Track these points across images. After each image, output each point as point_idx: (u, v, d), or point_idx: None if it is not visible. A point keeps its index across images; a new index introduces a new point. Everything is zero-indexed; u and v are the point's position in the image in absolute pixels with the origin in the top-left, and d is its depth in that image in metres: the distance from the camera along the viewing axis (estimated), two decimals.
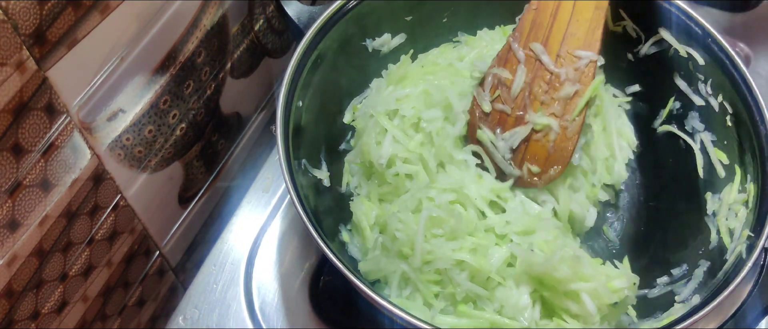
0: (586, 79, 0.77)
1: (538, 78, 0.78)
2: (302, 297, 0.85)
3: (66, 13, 0.64)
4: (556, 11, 0.77)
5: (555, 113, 0.78)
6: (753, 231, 0.72)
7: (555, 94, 0.77)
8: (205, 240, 1.03)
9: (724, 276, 0.71)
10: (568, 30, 0.77)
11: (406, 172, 0.79)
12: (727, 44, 0.80)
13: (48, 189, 0.69)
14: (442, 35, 0.92)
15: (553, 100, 0.78)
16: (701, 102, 0.84)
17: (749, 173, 0.77)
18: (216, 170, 1.01)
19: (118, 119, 0.77)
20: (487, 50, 0.87)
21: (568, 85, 0.77)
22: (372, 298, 0.66)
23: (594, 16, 0.76)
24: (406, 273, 0.73)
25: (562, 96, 0.77)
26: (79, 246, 0.76)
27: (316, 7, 0.87)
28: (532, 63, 0.78)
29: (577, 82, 0.77)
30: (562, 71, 0.77)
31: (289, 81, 0.77)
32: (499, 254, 0.73)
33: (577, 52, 0.77)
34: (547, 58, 0.77)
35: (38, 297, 0.73)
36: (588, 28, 0.76)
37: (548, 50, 0.78)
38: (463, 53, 0.88)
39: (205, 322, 0.83)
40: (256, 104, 1.06)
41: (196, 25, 0.84)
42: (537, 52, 0.78)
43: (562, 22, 0.77)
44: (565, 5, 0.77)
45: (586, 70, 0.77)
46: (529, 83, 0.78)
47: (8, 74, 0.60)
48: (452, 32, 0.93)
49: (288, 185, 0.71)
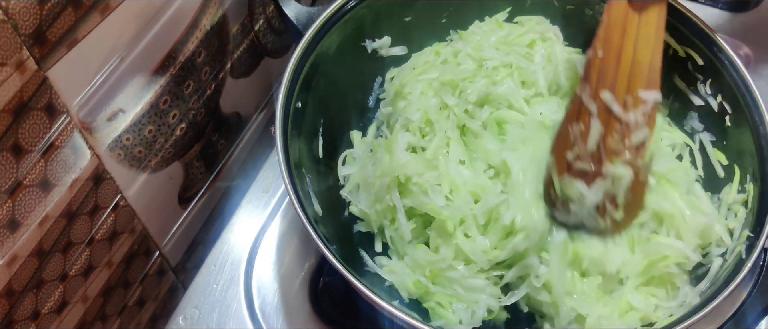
0: (651, 123, 0.73)
1: (610, 128, 0.73)
2: (302, 297, 0.85)
3: (66, 13, 0.64)
4: (619, 54, 0.73)
5: (629, 161, 0.73)
6: (752, 231, 0.72)
7: (628, 142, 0.73)
8: (205, 240, 1.03)
9: (724, 276, 0.71)
10: (631, 72, 0.73)
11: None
12: (726, 45, 0.80)
13: (48, 189, 0.69)
14: (441, 36, 0.92)
15: (624, 148, 0.73)
16: (700, 102, 0.84)
17: (748, 173, 0.77)
18: (216, 170, 1.01)
19: (118, 119, 0.77)
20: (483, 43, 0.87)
21: (639, 131, 0.73)
22: (372, 299, 0.66)
23: (653, 58, 0.73)
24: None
25: (635, 143, 0.73)
26: (79, 246, 0.76)
27: (315, 8, 0.86)
28: (603, 114, 0.73)
29: (646, 126, 0.73)
30: (632, 118, 0.73)
31: (287, 82, 0.77)
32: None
33: (641, 95, 0.73)
34: (617, 107, 0.73)
35: (38, 297, 0.73)
36: (649, 65, 0.73)
37: (616, 96, 0.73)
38: (458, 48, 0.87)
39: (205, 322, 0.83)
40: (256, 104, 1.06)
41: (196, 25, 0.84)
42: (608, 102, 0.73)
43: (625, 65, 0.73)
44: (626, 48, 0.73)
45: (652, 113, 0.73)
46: (603, 135, 0.73)
47: (8, 74, 0.60)
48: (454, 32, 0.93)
49: (287, 186, 0.71)
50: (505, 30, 0.88)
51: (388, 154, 0.78)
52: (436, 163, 0.78)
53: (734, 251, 0.73)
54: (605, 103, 0.73)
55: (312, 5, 0.88)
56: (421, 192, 0.76)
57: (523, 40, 0.88)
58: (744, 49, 1.04)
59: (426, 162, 0.77)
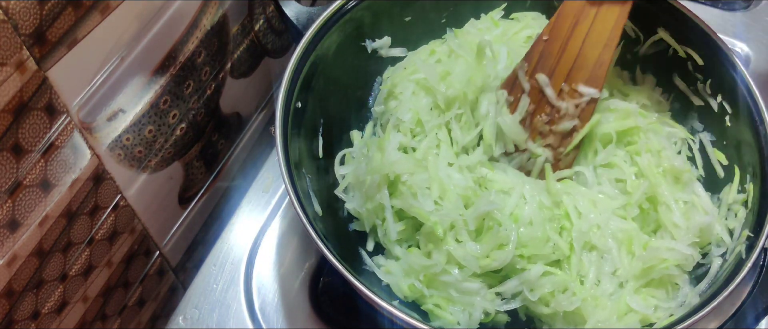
0: (585, 116, 0.78)
1: (539, 108, 0.79)
2: (302, 297, 0.85)
3: (66, 13, 0.64)
4: (566, 43, 0.77)
5: (551, 144, 0.79)
6: (752, 231, 0.72)
7: (554, 127, 0.79)
8: (205, 240, 1.03)
9: (724, 276, 0.71)
10: (575, 63, 0.77)
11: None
12: (726, 44, 0.80)
13: (48, 189, 0.69)
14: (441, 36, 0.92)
15: (550, 132, 0.79)
16: (700, 102, 0.84)
17: (748, 173, 0.77)
18: (216, 170, 1.01)
19: (118, 119, 0.77)
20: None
21: (568, 119, 0.78)
22: (371, 299, 0.66)
23: (602, 54, 0.76)
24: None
25: (560, 130, 0.79)
26: (79, 246, 0.76)
27: (315, 8, 0.86)
28: (535, 93, 0.79)
29: (576, 117, 0.78)
30: (563, 105, 0.78)
31: (287, 82, 0.77)
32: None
33: (580, 88, 0.77)
34: (550, 91, 0.78)
35: (38, 297, 0.73)
36: (595, 63, 0.76)
37: (553, 82, 0.78)
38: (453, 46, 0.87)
39: (205, 322, 0.83)
40: (256, 104, 1.06)
41: (196, 25, 0.85)
42: (541, 83, 0.78)
43: (570, 55, 0.77)
44: (575, 39, 0.77)
45: (587, 108, 0.77)
46: (531, 113, 0.79)
47: (8, 74, 0.60)
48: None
49: (287, 186, 0.71)
50: (501, 27, 0.89)
51: (380, 153, 0.78)
52: (426, 164, 0.77)
53: (734, 251, 0.73)
54: (539, 84, 0.78)
55: (312, 5, 0.88)
56: (411, 195, 0.76)
57: (520, 37, 0.88)
58: (744, 48, 1.05)
59: (416, 162, 0.77)
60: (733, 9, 1.10)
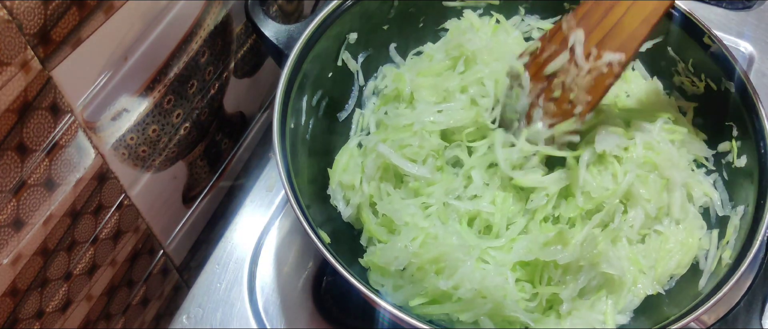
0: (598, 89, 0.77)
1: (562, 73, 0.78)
2: (305, 296, 0.85)
3: (70, 13, 0.64)
4: (610, 9, 0.77)
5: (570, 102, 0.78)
6: (752, 229, 0.72)
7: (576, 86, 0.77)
8: (208, 239, 1.04)
9: (723, 273, 0.71)
10: (611, 31, 0.76)
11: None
12: (727, 43, 0.80)
13: (52, 188, 0.69)
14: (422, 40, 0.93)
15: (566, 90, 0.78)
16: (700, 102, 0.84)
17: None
18: (220, 169, 1.02)
19: (122, 118, 0.77)
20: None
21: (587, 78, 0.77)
22: (371, 299, 0.66)
23: (639, 28, 0.75)
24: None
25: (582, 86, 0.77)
26: (83, 245, 0.77)
27: (294, 25, 0.85)
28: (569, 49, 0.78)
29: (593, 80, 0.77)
30: (585, 66, 0.77)
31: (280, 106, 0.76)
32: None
33: (605, 54, 0.76)
34: (579, 50, 0.77)
35: (42, 296, 0.73)
36: (630, 35, 0.75)
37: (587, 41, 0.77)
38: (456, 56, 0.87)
39: (209, 321, 0.83)
40: (260, 103, 1.06)
41: (200, 25, 0.85)
42: (576, 40, 0.77)
43: (609, 22, 0.76)
44: (620, 6, 0.76)
45: (607, 73, 0.76)
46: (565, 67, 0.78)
47: (13, 74, 0.60)
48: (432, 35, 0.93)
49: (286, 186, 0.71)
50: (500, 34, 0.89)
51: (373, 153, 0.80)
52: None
53: (734, 249, 0.73)
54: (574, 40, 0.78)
55: (289, 23, 0.86)
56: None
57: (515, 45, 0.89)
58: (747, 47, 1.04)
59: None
60: (737, 8, 1.09)
